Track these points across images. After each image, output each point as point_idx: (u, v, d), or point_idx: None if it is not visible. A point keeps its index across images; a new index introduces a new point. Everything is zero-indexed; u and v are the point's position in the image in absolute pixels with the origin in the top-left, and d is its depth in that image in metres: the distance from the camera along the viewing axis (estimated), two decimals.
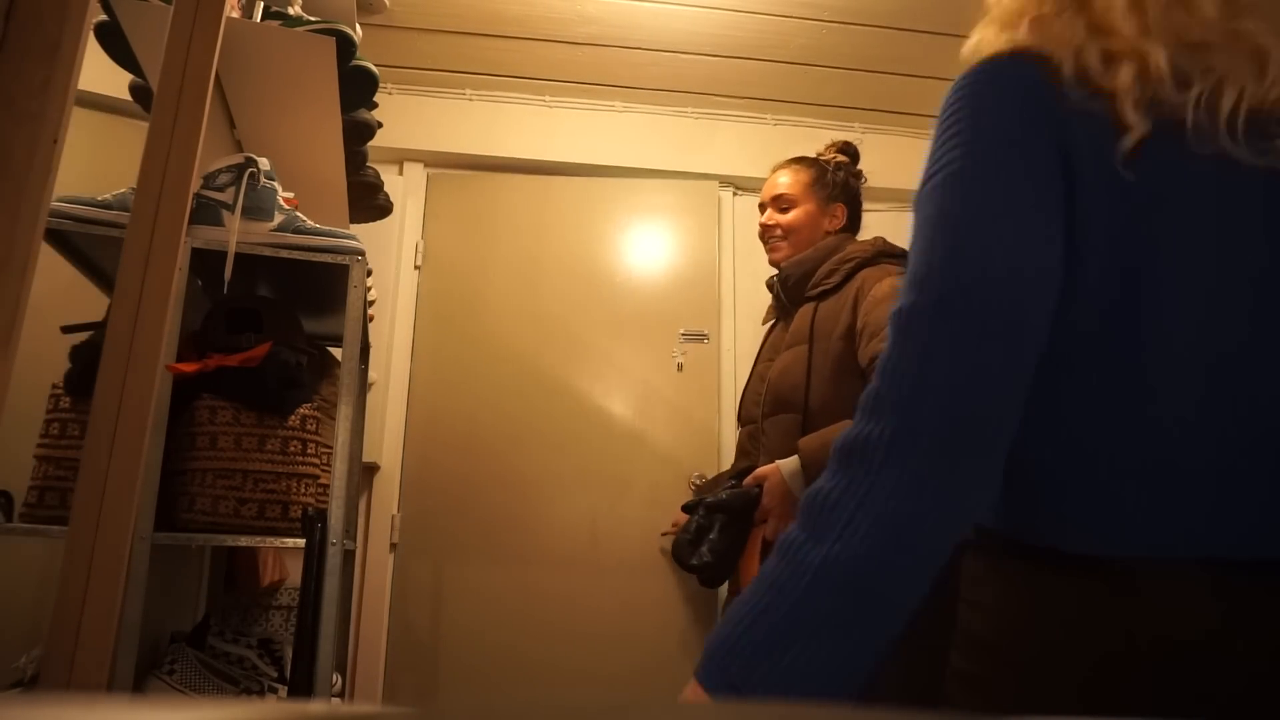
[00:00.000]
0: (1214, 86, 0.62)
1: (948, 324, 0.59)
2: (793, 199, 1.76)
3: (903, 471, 0.57)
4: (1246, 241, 0.62)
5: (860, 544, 0.56)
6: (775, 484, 1.47)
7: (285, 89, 1.63)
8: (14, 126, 0.84)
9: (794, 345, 1.61)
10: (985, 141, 0.63)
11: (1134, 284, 0.62)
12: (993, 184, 0.62)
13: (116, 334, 1.06)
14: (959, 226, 0.61)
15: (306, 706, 1.19)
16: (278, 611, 2.17)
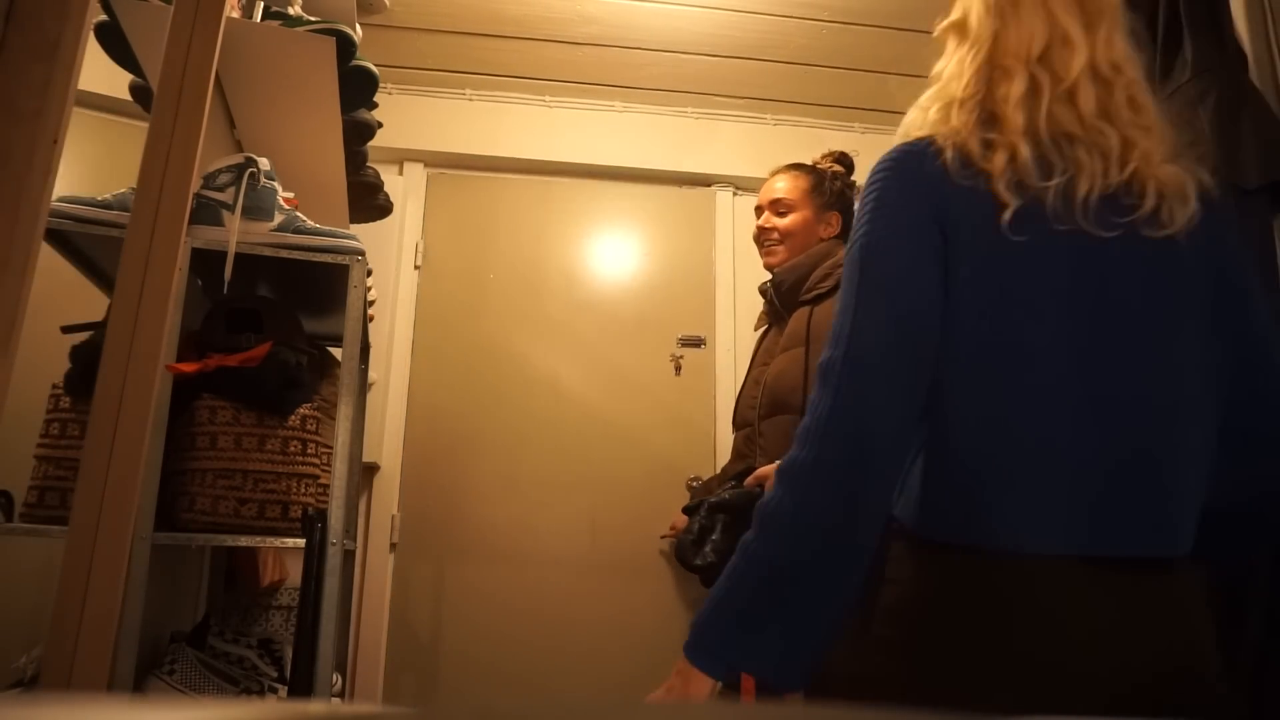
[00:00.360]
0: (1073, 175, 0.78)
1: (855, 377, 0.77)
2: (791, 204, 1.78)
3: (817, 490, 0.76)
4: (1096, 294, 0.78)
5: (792, 544, 0.76)
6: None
7: (285, 89, 1.63)
8: (14, 126, 0.84)
9: (790, 348, 1.62)
10: (887, 219, 0.81)
11: (1002, 326, 0.77)
12: (890, 260, 0.80)
13: (116, 334, 1.06)
14: (865, 298, 0.79)
15: (306, 706, 1.19)
16: (278, 611, 2.17)
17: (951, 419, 0.78)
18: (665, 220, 2.90)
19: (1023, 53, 0.83)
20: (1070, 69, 0.82)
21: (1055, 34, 0.83)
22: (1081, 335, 0.77)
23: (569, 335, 2.75)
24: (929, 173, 0.80)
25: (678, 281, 2.82)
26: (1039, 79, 0.82)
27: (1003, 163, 0.78)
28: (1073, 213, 0.77)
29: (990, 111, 0.82)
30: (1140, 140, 0.81)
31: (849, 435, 0.76)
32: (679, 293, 2.81)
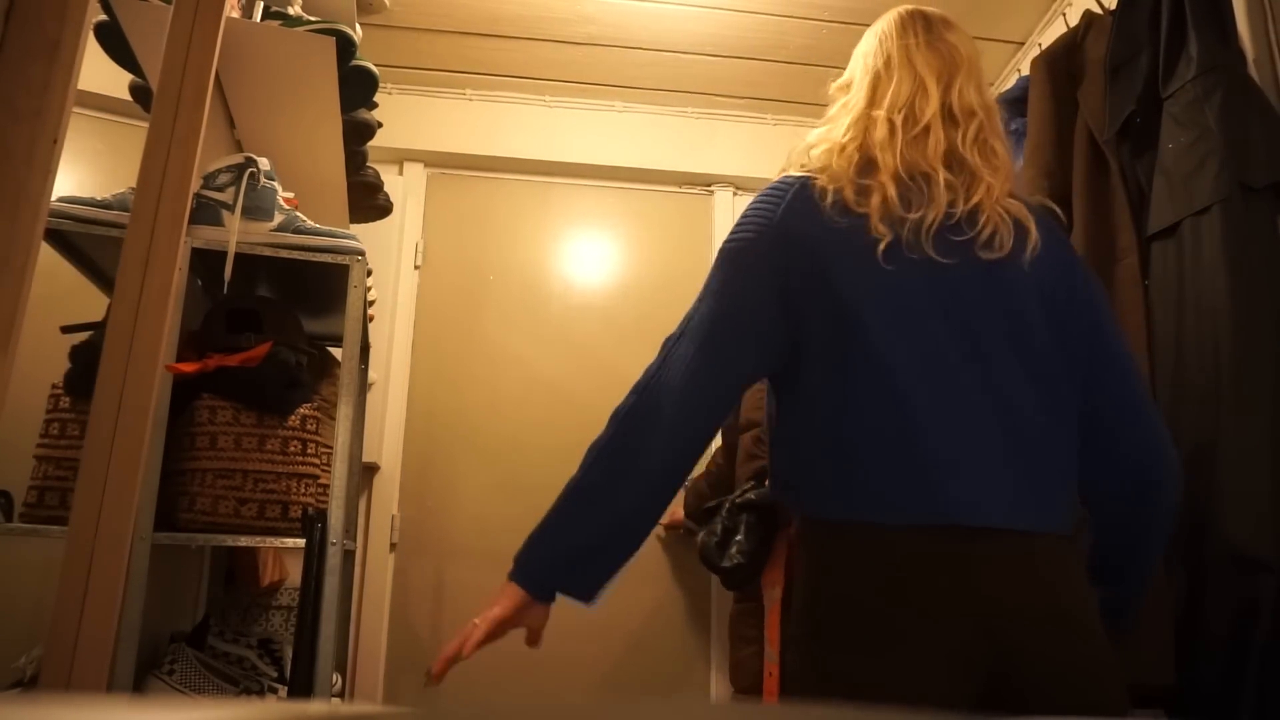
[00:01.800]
0: (925, 210, 0.93)
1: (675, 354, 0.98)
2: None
3: (622, 427, 1.00)
4: (945, 309, 0.92)
5: (594, 467, 1.02)
6: None
7: (285, 89, 1.63)
8: (14, 126, 0.84)
9: None
10: (753, 241, 0.98)
11: (864, 335, 0.91)
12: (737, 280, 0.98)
13: (116, 334, 1.06)
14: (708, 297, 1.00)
15: (306, 706, 1.19)
16: (278, 611, 2.17)
17: (820, 416, 0.94)
18: (665, 220, 2.90)
19: (890, 104, 0.99)
20: (925, 113, 0.98)
21: (917, 86, 1.00)
22: (931, 344, 0.91)
23: (569, 335, 2.75)
24: (801, 209, 0.96)
25: (677, 282, 2.82)
26: (896, 123, 0.98)
27: (878, 203, 0.93)
28: (920, 241, 0.92)
29: (868, 157, 0.98)
30: (986, 176, 0.95)
31: (653, 394, 0.97)
32: (678, 293, 2.79)
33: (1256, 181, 1.36)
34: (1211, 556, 1.29)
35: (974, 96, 1.00)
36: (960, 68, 1.00)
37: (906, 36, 1.03)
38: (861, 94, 1.03)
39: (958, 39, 1.03)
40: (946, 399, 0.90)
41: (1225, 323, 1.32)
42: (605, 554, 0.99)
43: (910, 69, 1.01)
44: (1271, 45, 1.52)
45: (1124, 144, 1.58)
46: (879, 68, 1.03)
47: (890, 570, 0.88)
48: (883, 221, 0.92)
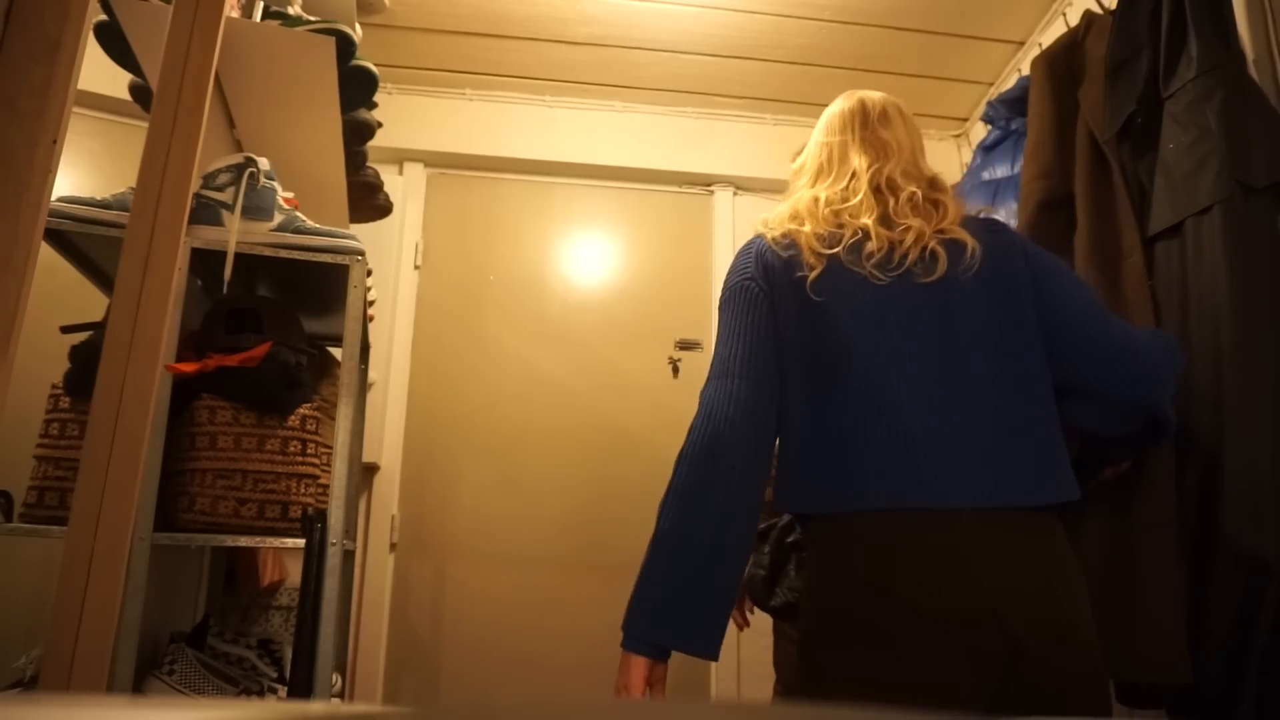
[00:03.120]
0: (859, 240, 1.11)
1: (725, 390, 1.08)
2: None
3: (686, 471, 1.03)
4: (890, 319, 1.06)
5: (673, 518, 1.02)
6: None
7: (285, 89, 1.63)
8: (14, 126, 0.84)
9: None
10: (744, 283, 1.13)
11: (831, 351, 1.05)
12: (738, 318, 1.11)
13: (116, 334, 1.06)
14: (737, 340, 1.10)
15: (306, 706, 1.19)
16: (278, 611, 2.17)
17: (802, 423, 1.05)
18: (665, 220, 2.90)
19: (829, 188, 1.18)
20: (857, 193, 1.16)
21: (850, 177, 1.19)
22: (901, 350, 1.04)
23: (568, 336, 2.75)
24: (759, 256, 1.14)
25: (677, 282, 2.82)
26: (830, 196, 1.17)
27: (805, 241, 1.12)
28: (860, 261, 1.08)
29: (795, 213, 1.18)
30: (915, 223, 1.11)
31: (712, 430, 1.04)
32: (678, 294, 2.81)
33: (1257, 181, 1.36)
34: (1213, 555, 1.29)
35: (904, 175, 1.18)
36: (890, 158, 1.19)
37: (846, 132, 1.24)
38: (807, 180, 1.24)
39: (891, 134, 1.22)
40: (905, 392, 1.02)
41: (1226, 322, 1.32)
42: (705, 599, 0.99)
43: (846, 163, 1.20)
44: (1271, 45, 1.52)
45: (1125, 144, 1.58)
46: (822, 161, 1.23)
47: (887, 560, 0.95)
48: (811, 255, 1.10)
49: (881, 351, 1.04)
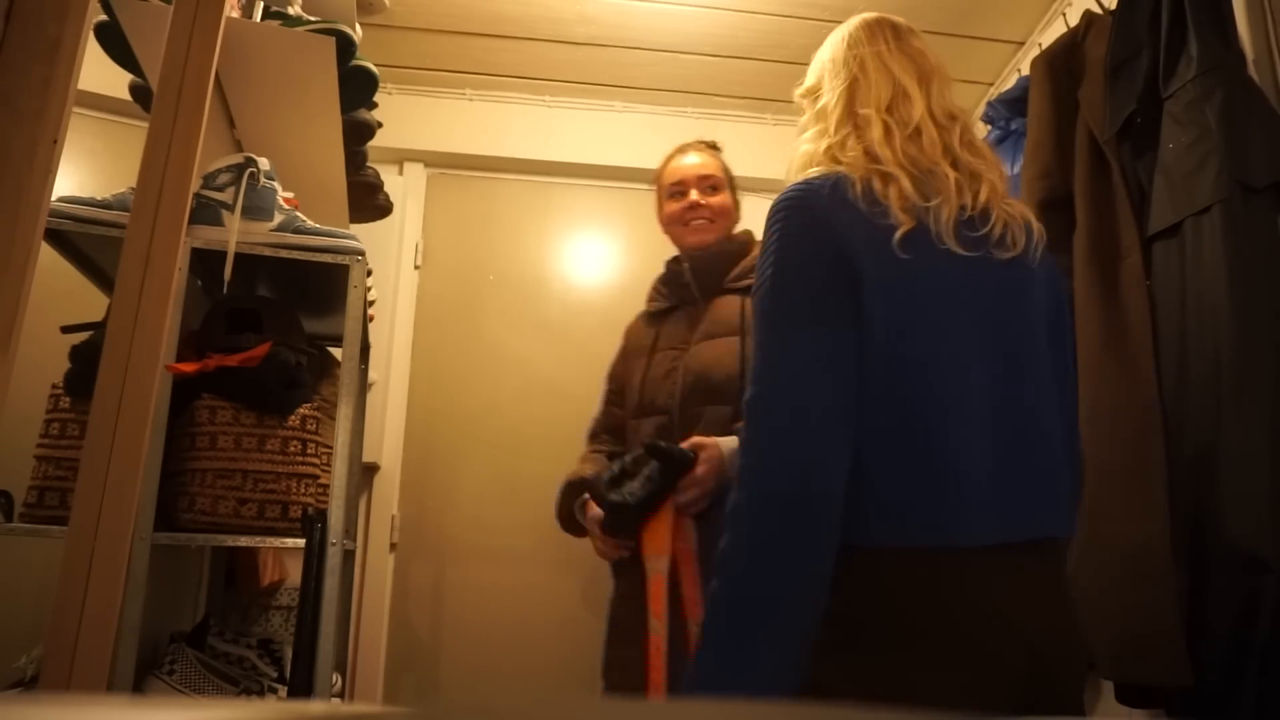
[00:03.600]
0: (939, 203, 0.91)
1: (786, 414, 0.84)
2: (720, 182, 1.69)
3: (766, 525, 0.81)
4: (973, 308, 0.90)
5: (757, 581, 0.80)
6: (714, 458, 1.32)
7: (285, 89, 1.63)
8: (14, 126, 0.84)
9: (720, 335, 1.52)
10: (795, 261, 0.89)
11: (913, 344, 0.86)
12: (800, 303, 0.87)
13: (116, 334, 1.06)
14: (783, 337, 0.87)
15: (306, 706, 1.19)
16: (278, 611, 2.17)
17: (874, 434, 0.85)
18: None
19: (875, 104, 0.99)
20: (912, 115, 0.97)
21: (897, 90, 0.99)
22: (975, 345, 0.89)
23: (569, 335, 2.75)
24: (837, 206, 0.90)
25: None
26: (890, 124, 0.96)
27: (896, 193, 0.90)
28: (941, 235, 0.90)
29: (870, 153, 0.95)
30: (987, 174, 0.95)
31: (789, 467, 0.82)
32: None
33: (1256, 181, 1.36)
34: (1212, 554, 1.29)
35: (953, 101, 1.01)
36: (934, 74, 1.02)
37: (877, 43, 1.04)
38: (838, 97, 1.02)
39: (924, 46, 1.04)
40: (963, 402, 0.87)
41: (1226, 322, 1.32)
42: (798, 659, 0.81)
43: (887, 73, 1.01)
44: (1271, 45, 1.52)
45: (1124, 144, 1.58)
46: (855, 73, 1.02)
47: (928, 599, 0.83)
48: (907, 211, 0.89)
49: (955, 352, 0.88)
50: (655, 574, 1.32)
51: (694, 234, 1.64)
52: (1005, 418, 0.88)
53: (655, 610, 1.30)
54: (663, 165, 1.74)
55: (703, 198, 1.65)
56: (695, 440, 1.35)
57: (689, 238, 1.64)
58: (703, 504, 1.33)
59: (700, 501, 1.33)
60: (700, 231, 1.63)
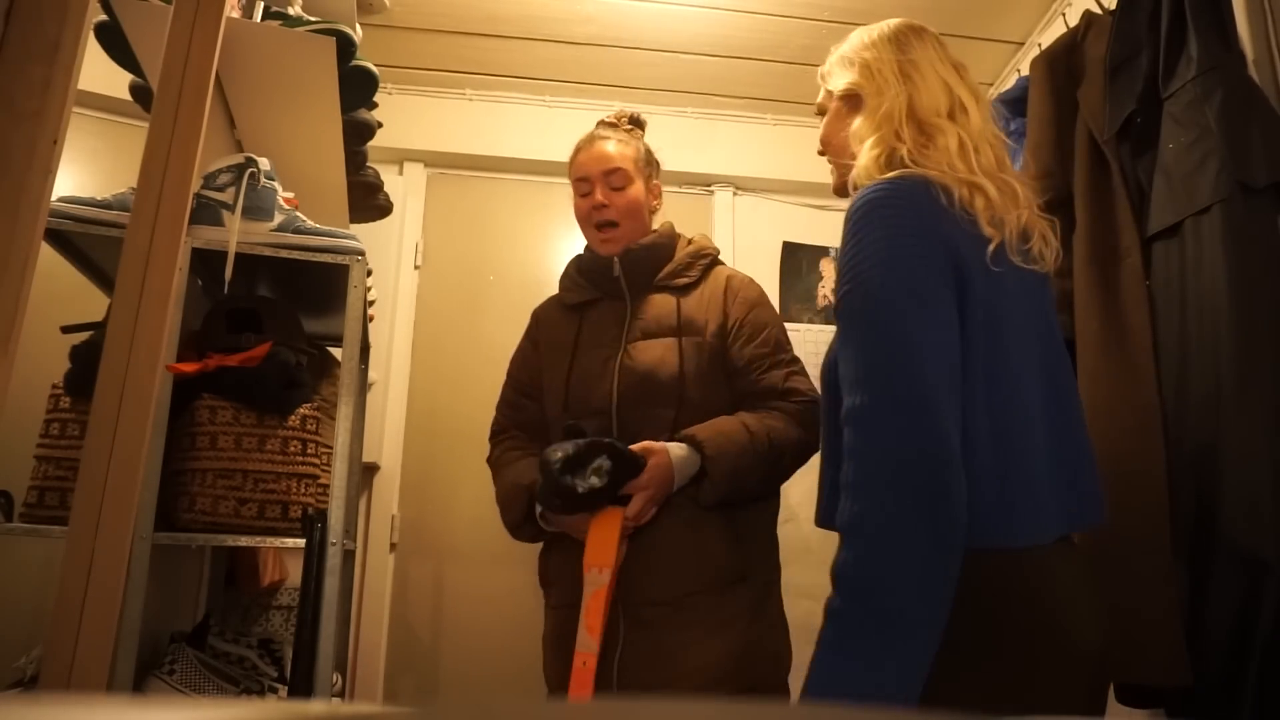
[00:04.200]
0: (1011, 217, 0.92)
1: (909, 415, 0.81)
2: (626, 175, 1.51)
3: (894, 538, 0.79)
4: (1035, 318, 0.95)
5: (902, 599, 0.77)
6: (663, 465, 1.29)
7: (285, 89, 1.63)
8: (14, 126, 0.84)
9: (656, 335, 1.44)
10: (906, 252, 0.86)
11: (999, 351, 0.87)
12: (919, 299, 0.84)
13: (116, 334, 1.06)
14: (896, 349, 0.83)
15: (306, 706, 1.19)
16: (278, 611, 2.17)
17: (975, 438, 0.84)
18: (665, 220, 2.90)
19: (939, 112, 0.98)
20: (973, 128, 0.98)
21: (954, 101, 1.00)
22: (1034, 355, 0.93)
23: None
24: (939, 209, 0.89)
25: None
26: (961, 136, 0.96)
27: (983, 203, 0.91)
28: (1011, 249, 0.91)
29: (950, 162, 0.94)
30: (1020, 190, 0.96)
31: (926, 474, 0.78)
32: None
33: (1256, 181, 1.36)
34: (1213, 554, 1.29)
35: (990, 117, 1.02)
36: (979, 91, 1.03)
37: (928, 50, 1.03)
38: (904, 102, 0.99)
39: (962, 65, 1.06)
40: (1032, 408, 0.90)
41: (1226, 322, 1.32)
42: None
43: (943, 83, 1.00)
44: (1271, 45, 1.52)
45: (1124, 144, 1.58)
46: (914, 78, 1.00)
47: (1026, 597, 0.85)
48: (992, 224, 0.90)
49: (1025, 360, 0.91)
50: (596, 588, 1.25)
51: (602, 245, 1.52)
52: (1053, 419, 0.92)
53: (590, 625, 1.23)
54: (571, 154, 1.57)
55: (605, 197, 1.49)
56: (645, 445, 1.30)
57: (598, 247, 1.53)
58: (648, 516, 1.29)
59: (647, 513, 1.29)
60: (608, 243, 1.50)
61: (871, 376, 0.82)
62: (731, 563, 1.32)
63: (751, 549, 1.36)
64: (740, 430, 1.33)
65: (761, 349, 1.42)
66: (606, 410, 1.41)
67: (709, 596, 1.30)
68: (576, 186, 1.54)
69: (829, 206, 2.84)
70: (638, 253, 1.49)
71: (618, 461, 1.26)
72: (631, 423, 1.38)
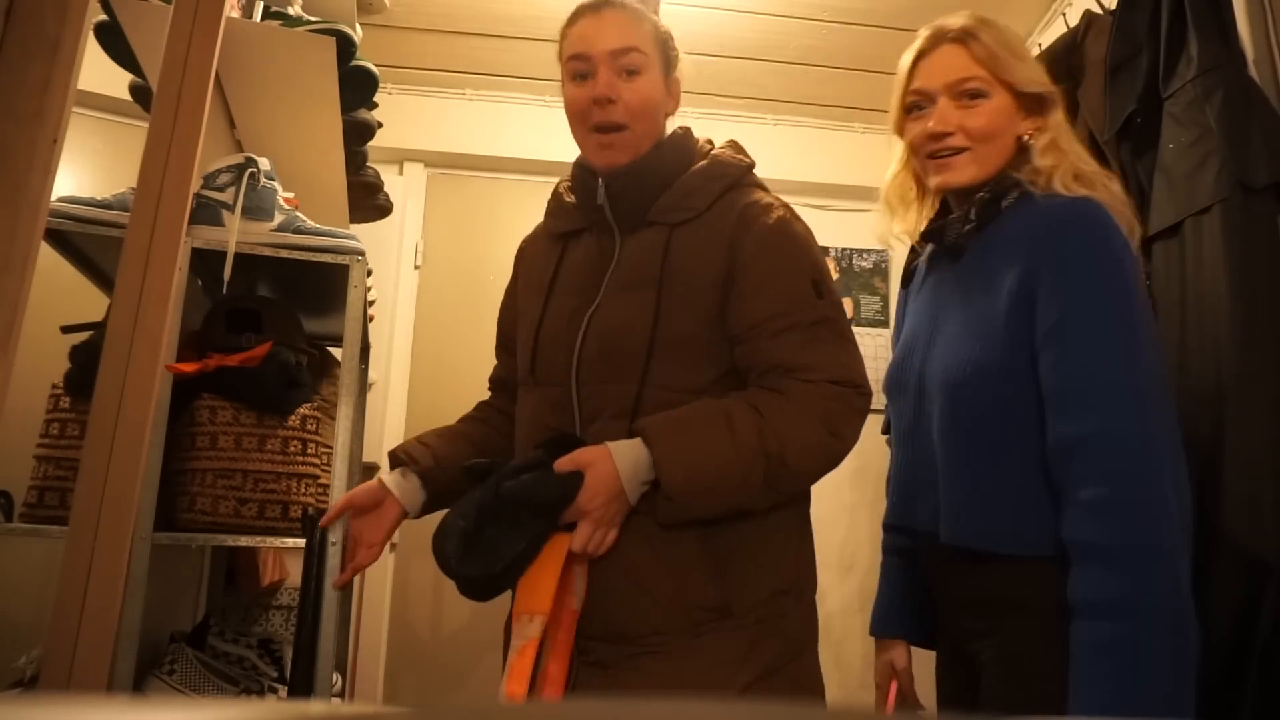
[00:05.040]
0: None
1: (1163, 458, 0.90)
2: (641, 59, 1.11)
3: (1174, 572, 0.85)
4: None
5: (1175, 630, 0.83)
6: (604, 477, 0.97)
7: (285, 89, 1.63)
8: (14, 126, 0.84)
9: (634, 287, 1.09)
10: (1135, 277, 0.96)
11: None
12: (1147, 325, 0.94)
13: (116, 334, 1.06)
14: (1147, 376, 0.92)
15: (306, 706, 1.19)
16: (278, 611, 2.17)
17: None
18: None
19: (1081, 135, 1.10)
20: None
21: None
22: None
23: None
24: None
25: None
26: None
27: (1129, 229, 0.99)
28: None
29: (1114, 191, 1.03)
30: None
31: (1174, 513, 0.85)
32: None
33: (1256, 181, 1.36)
34: (1213, 555, 1.29)
35: None
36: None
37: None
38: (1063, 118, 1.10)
39: None
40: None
41: (1226, 322, 1.32)
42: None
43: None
44: (1271, 45, 1.52)
45: (1124, 144, 1.58)
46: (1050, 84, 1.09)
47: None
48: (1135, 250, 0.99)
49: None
50: (523, 640, 0.97)
51: (600, 153, 1.14)
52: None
53: (512, 690, 0.95)
54: (566, 23, 1.16)
55: (611, 87, 1.10)
56: (577, 457, 0.99)
57: (594, 156, 1.16)
58: (604, 543, 0.99)
59: (599, 540, 0.98)
60: (609, 150, 1.13)
61: (1146, 399, 0.90)
62: (711, 594, 1.00)
63: (741, 573, 1.02)
64: (717, 421, 0.98)
65: (771, 306, 1.03)
66: (565, 382, 1.09)
67: (682, 643, 0.99)
68: (570, 67, 1.14)
69: (829, 207, 2.84)
70: (627, 177, 1.13)
71: (541, 506, 0.98)
72: (589, 402, 1.08)
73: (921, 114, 1.12)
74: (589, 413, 1.07)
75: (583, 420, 1.08)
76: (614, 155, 1.13)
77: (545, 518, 0.99)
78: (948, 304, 1.10)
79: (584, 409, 1.08)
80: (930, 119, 1.10)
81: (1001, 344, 0.97)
